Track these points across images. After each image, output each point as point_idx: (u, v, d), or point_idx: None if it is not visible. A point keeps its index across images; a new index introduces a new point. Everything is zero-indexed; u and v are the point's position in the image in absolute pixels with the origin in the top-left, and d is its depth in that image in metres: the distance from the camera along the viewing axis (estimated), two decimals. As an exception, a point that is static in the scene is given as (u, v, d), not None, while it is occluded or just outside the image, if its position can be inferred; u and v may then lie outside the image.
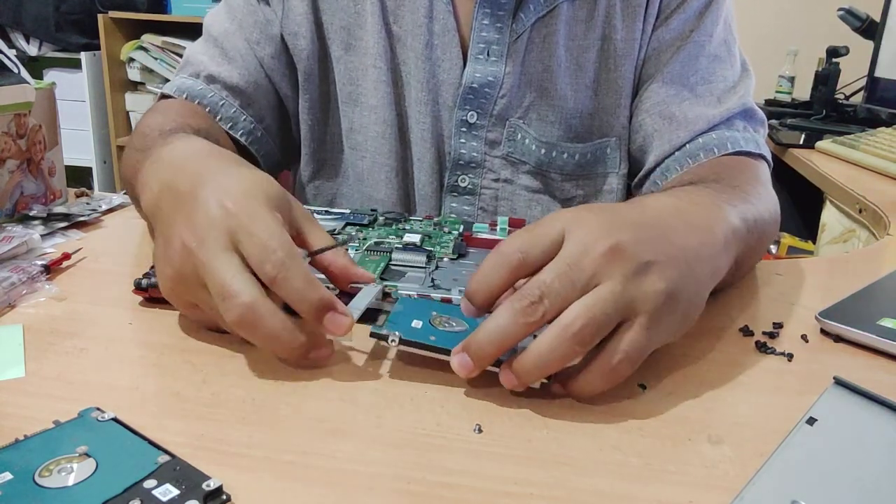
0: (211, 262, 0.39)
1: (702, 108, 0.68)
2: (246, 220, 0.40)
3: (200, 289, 0.40)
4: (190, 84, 0.69)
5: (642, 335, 0.38)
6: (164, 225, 0.43)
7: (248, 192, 0.41)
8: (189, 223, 0.40)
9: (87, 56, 2.45)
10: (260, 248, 0.39)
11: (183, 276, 0.41)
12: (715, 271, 0.44)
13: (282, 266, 0.39)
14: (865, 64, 1.71)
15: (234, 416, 0.37)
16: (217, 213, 0.40)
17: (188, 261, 0.40)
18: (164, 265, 0.42)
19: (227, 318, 0.38)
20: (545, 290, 0.37)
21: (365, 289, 0.46)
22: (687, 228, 0.43)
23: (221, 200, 0.41)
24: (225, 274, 0.38)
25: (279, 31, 0.71)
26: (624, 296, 0.38)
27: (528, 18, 0.69)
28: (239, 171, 0.44)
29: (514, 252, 0.39)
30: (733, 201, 0.51)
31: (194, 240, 0.40)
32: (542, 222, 0.41)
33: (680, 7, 0.69)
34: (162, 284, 0.43)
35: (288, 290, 0.39)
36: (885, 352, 0.47)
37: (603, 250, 0.38)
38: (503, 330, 0.37)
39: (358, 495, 0.31)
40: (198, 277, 0.40)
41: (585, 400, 0.39)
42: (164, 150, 0.49)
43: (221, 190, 0.41)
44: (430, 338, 0.41)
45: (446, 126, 0.73)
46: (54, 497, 0.29)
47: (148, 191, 0.46)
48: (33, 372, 0.40)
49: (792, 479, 0.33)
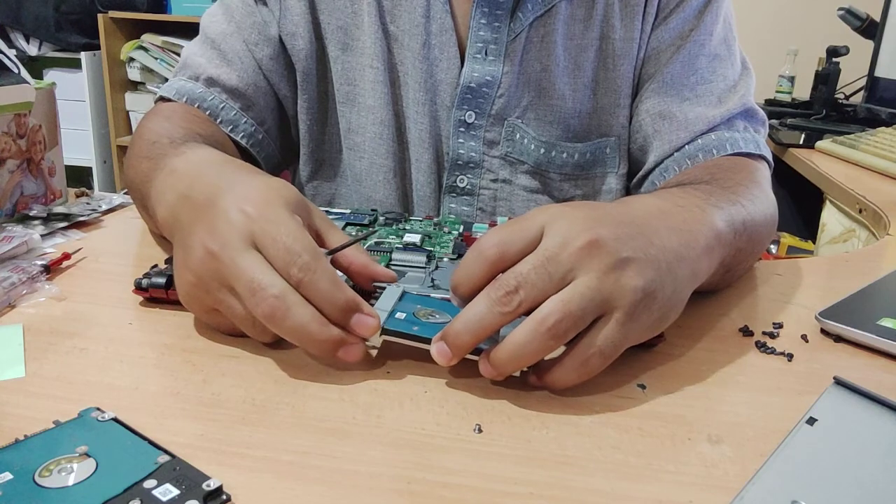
0: (236, 261, 0.39)
1: (702, 109, 0.68)
2: (267, 225, 0.40)
3: (222, 291, 0.41)
4: (190, 87, 0.69)
5: (617, 331, 0.38)
6: (184, 234, 0.43)
7: (268, 198, 0.42)
8: (210, 229, 0.41)
9: (87, 56, 2.45)
10: (284, 252, 0.39)
11: (204, 280, 0.41)
12: (695, 274, 0.44)
13: (307, 268, 0.39)
14: (865, 64, 1.71)
15: (234, 416, 0.37)
16: (238, 218, 0.41)
17: (210, 264, 0.40)
18: (185, 272, 0.42)
19: (258, 311, 0.38)
20: (521, 281, 0.38)
21: (388, 289, 0.46)
22: (668, 230, 0.43)
23: (242, 207, 0.41)
24: (254, 269, 0.39)
25: (277, 31, 0.71)
26: (601, 291, 0.38)
27: (526, 18, 0.69)
28: (256, 179, 0.44)
29: (491, 247, 0.40)
30: (721, 204, 0.50)
31: (216, 244, 0.40)
32: (523, 217, 0.41)
33: (679, 6, 0.69)
34: (181, 292, 0.43)
35: (314, 292, 0.39)
36: (885, 352, 0.47)
37: (581, 244, 0.38)
38: (479, 319, 0.38)
39: (358, 495, 0.31)
40: (220, 280, 0.40)
41: (559, 392, 0.40)
42: (177, 161, 0.49)
43: (241, 197, 0.42)
44: (413, 328, 0.41)
45: (444, 126, 0.73)
46: (54, 497, 0.29)
47: (164, 203, 0.47)
48: (33, 372, 0.40)
49: (792, 479, 0.33)
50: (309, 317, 0.39)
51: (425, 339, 0.40)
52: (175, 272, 0.44)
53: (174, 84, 0.70)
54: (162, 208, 0.48)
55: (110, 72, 2.46)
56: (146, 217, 0.60)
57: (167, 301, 0.48)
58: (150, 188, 0.51)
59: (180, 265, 0.43)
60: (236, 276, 0.39)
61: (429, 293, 0.48)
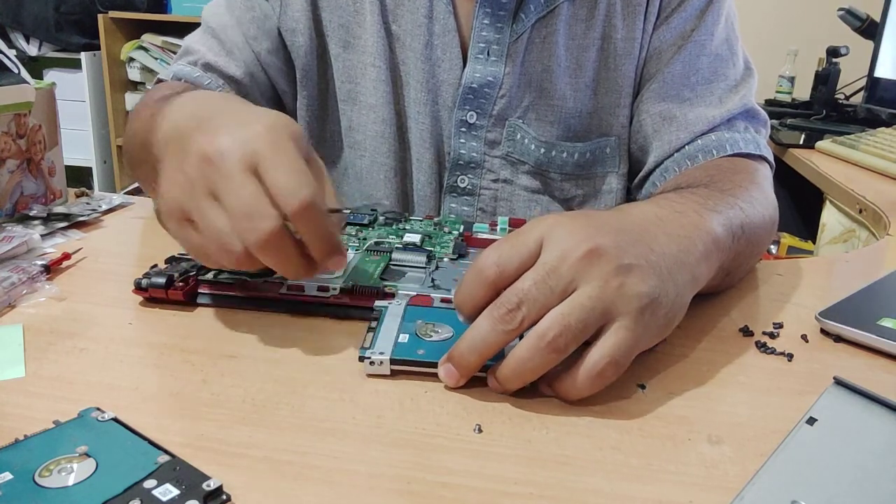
0: (235, 178, 0.38)
1: (702, 109, 0.68)
2: (274, 149, 0.39)
3: (207, 199, 0.39)
4: (188, 71, 0.70)
5: (628, 337, 0.38)
6: (184, 140, 0.41)
7: (275, 126, 0.40)
8: (212, 138, 0.39)
9: (87, 56, 2.45)
10: (286, 180, 0.38)
11: (193, 183, 0.39)
12: (695, 279, 0.44)
13: (309, 203, 0.38)
14: (865, 64, 1.71)
15: (234, 416, 0.37)
16: (245, 134, 0.39)
17: (206, 169, 0.38)
18: (175, 174, 0.40)
19: (250, 237, 0.38)
20: (523, 298, 0.38)
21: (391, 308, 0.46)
22: (667, 237, 0.43)
23: (249, 126, 0.39)
24: (252, 193, 0.38)
25: (277, 26, 0.71)
26: (602, 300, 0.38)
27: (529, 19, 0.69)
28: (263, 109, 0.43)
29: (491, 266, 0.39)
30: (719, 208, 0.50)
31: (216, 153, 0.38)
32: (520, 231, 0.41)
33: (680, 6, 0.69)
34: (163, 196, 0.41)
35: (309, 227, 0.39)
36: (885, 352, 0.47)
37: (581, 254, 0.38)
38: (483, 338, 0.38)
39: (358, 495, 0.31)
40: (209, 187, 0.38)
41: (573, 402, 0.39)
42: (186, 96, 0.47)
43: (248, 118, 0.40)
44: (418, 352, 0.41)
45: (446, 126, 0.73)
46: (54, 497, 0.29)
47: (166, 123, 0.44)
48: (33, 372, 0.40)
49: (792, 479, 0.33)
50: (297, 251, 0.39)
51: (433, 364, 0.40)
52: (162, 177, 0.41)
53: (173, 68, 0.71)
54: (163, 128, 0.44)
55: (110, 72, 2.46)
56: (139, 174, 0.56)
57: (167, 301, 0.48)
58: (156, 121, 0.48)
59: (173, 168, 0.40)
60: (231, 193, 0.38)
61: (429, 293, 0.48)
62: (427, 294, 0.48)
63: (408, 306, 0.46)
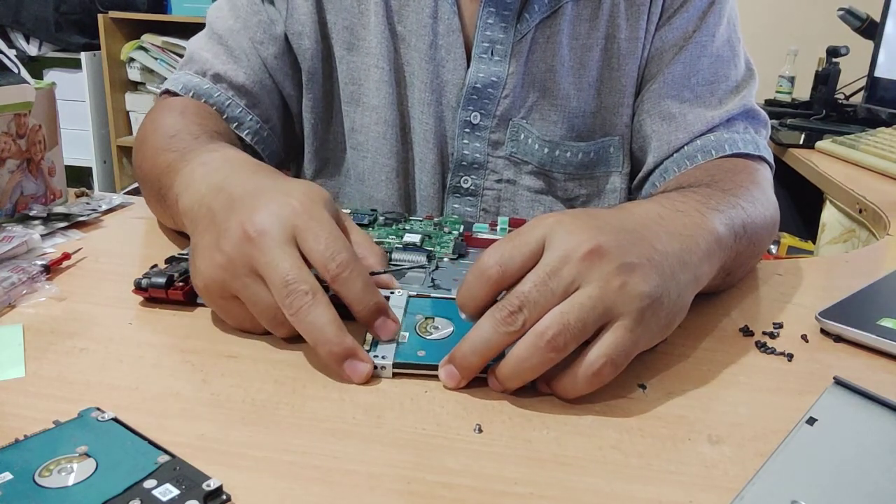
0: (274, 251, 0.40)
1: (701, 110, 0.68)
2: (311, 220, 0.41)
3: (250, 277, 0.41)
4: (196, 82, 0.69)
5: (627, 338, 0.38)
6: (218, 219, 0.43)
7: (310, 196, 0.43)
8: (251, 215, 0.41)
9: (87, 56, 2.45)
10: (325, 247, 0.40)
11: (234, 263, 0.41)
12: (696, 279, 0.44)
13: (346, 266, 0.40)
14: (865, 64, 1.71)
15: (234, 416, 0.37)
16: (282, 210, 0.41)
17: (246, 248, 0.40)
18: (214, 254, 0.42)
19: (286, 302, 0.39)
20: (524, 300, 0.38)
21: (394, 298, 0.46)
22: (668, 236, 0.43)
23: (287, 200, 0.42)
24: (292, 264, 0.40)
25: (283, 30, 0.71)
26: (603, 299, 0.38)
27: (533, 19, 0.69)
28: (295, 180, 0.46)
29: (493, 266, 0.40)
30: (721, 207, 0.50)
31: (256, 229, 0.40)
32: (522, 230, 0.41)
33: (683, 7, 0.69)
34: (202, 276, 0.43)
35: (349, 290, 0.41)
36: (885, 352, 0.47)
37: (583, 254, 0.38)
38: (485, 341, 0.38)
39: (358, 495, 0.31)
40: (251, 266, 0.40)
41: (573, 402, 0.39)
42: (208, 157, 0.50)
43: (285, 192, 0.43)
44: (419, 353, 0.41)
45: (449, 127, 0.73)
46: (54, 497, 0.29)
47: (192, 192, 0.47)
48: (33, 372, 0.40)
49: (792, 479, 0.33)
50: (330, 318, 0.39)
51: (433, 367, 0.40)
52: (199, 256, 0.43)
53: (181, 78, 0.70)
54: (188, 197, 0.48)
55: (110, 72, 2.46)
56: (159, 209, 0.60)
57: (167, 301, 0.48)
58: (175, 178, 0.51)
59: (209, 247, 0.42)
60: (273, 264, 0.40)
61: (429, 293, 0.48)
62: (427, 294, 0.48)
63: (410, 297, 0.46)
